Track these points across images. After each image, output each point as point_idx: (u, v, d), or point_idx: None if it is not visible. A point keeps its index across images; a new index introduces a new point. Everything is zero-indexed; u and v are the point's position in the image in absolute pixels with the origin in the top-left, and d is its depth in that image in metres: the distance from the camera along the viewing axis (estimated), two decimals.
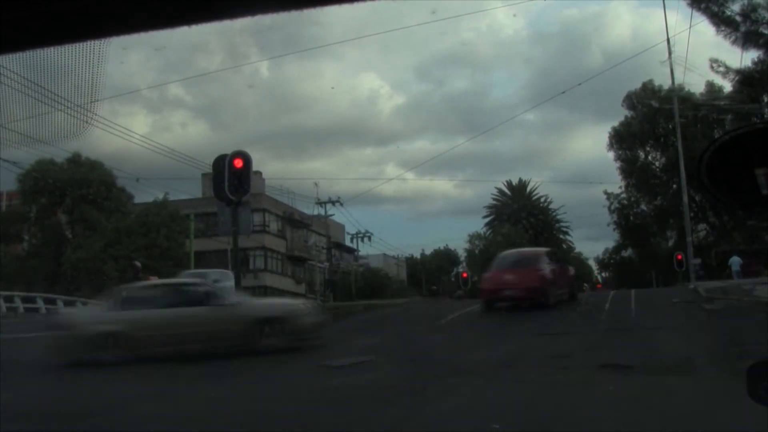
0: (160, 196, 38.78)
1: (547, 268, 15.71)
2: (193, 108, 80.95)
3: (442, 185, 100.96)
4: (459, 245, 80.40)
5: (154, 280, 18.03)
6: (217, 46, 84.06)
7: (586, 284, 49.11)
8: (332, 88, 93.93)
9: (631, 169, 40.20)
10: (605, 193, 42.60)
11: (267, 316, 10.97)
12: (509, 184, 67.49)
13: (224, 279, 16.04)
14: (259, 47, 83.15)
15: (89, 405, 7.28)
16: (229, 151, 13.17)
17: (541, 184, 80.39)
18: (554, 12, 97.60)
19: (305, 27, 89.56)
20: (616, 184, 43.68)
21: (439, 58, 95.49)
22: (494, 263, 17.11)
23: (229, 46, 77.94)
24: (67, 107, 1.88)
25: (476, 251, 57.92)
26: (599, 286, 30.54)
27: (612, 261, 48.72)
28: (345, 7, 1.09)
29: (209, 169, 14.49)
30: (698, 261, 29.68)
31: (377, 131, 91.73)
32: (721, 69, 27.13)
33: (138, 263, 19.67)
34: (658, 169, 40.30)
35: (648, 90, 38.60)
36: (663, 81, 36.32)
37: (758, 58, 25.79)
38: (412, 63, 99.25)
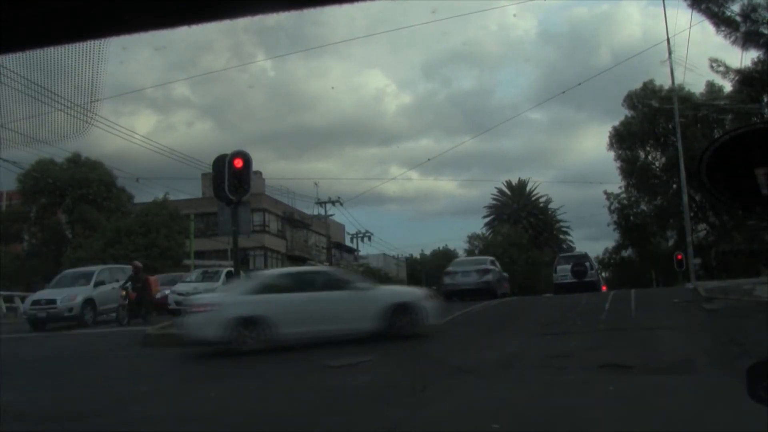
0: (160, 196, 38.79)
1: None
2: (198, 107, 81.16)
3: (446, 185, 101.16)
4: (459, 245, 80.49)
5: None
6: (223, 46, 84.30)
7: None
8: (332, 88, 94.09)
9: (631, 169, 40.17)
10: (605, 193, 42.59)
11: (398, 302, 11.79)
12: (509, 184, 67.55)
13: None
14: (265, 47, 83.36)
15: (89, 405, 7.28)
16: (232, 150, 13.18)
17: (541, 183, 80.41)
18: (563, 11, 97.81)
19: (311, 27, 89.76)
20: (616, 183, 43.66)
21: (445, 58, 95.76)
22: None
23: (235, 46, 78.13)
24: (67, 107, 1.88)
25: (476, 251, 57.94)
26: (604, 287, 30.42)
27: (612, 261, 48.70)
28: (353, 7, 1.10)
29: (209, 169, 14.48)
30: (698, 261, 29.67)
31: (382, 130, 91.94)
32: (721, 69, 27.16)
33: (139, 263, 19.67)
34: (658, 169, 40.25)
35: (648, 90, 38.57)
36: (664, 81, 36.33)
37: (758, 58, 25.82)
38: (419, 62, 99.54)
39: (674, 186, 36.12)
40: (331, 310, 11.20)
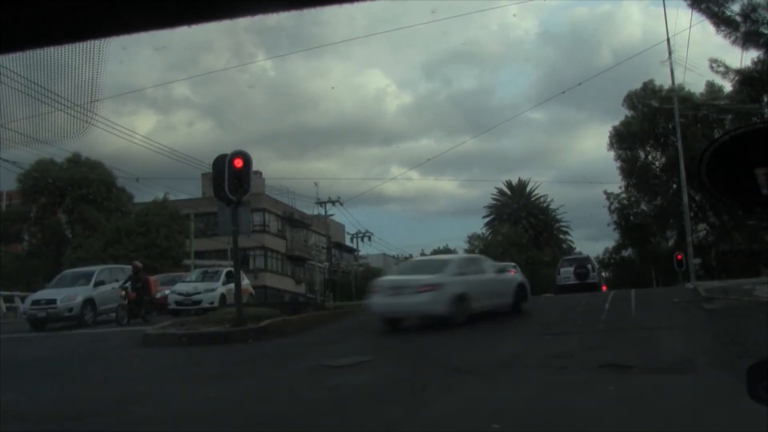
0: (160, 196, 38.79)
1: None
2: (198, 107, 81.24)
3: (447, 185, 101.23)
4: (459, 245, 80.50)
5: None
6: (223, 46, 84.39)
7: None
8: (332, 88, 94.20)
9: (631, 168, 40.17)
10: (605, 192, 42.61)
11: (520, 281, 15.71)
12: (509, 184, 67.55)
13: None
14: (265, 47, 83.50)
15: (89, 405, 7.28)
16: (232, 150, 13.16)
17: (541, 184, 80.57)
18: (564, 11, 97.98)
19: (311, 27, 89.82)
20: (616, 183, 43.70)
21: (445, 58, 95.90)
22: None
23: (235, 46, 78.22)
24: (67, 107, 1.88)
25: (476, 252, 57.97)
26: (604, 287, 30.63)
27: (612, 261, 48.71)
28: (353, 7, 1.10)
29: (209, 169, 14.47)
30: (698, 261, 29.71)
31: (382, 130, 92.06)
32: (721, 69, 27.17)
33: (138, 263, 19.66)
34: (658, 169, 40.25)
35: (648, 90, 38.56)
36: (664, 81, 36.33)
37: (758, 58, 25.82)
38: (419, 62, 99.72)
39: (674, 186, 36.13)
40: (496, 288, 14.25)
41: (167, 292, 21.44)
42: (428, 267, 15.02)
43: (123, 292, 17.78)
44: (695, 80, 51.19)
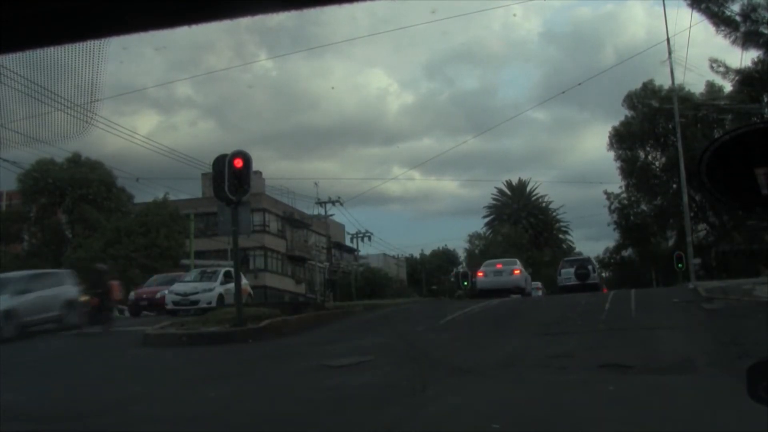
0: (160, 196, 38.77)
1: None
2: (199, 107, 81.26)
3: (447, 185, 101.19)
4: (459, 245, 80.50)
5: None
6: (225, 45, 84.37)
7: None
8: (332, 88, 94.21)
9: (631, 168, 40.14)
10: (605, 192, 42.61)
11: None
12: (509, 184, 67.57)
13: None
14: (267, 47, 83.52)
15: (89, 405, 7.28)
16: (233, 150, 13.14)
17: (541, 184, 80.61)
18: (567, 11, 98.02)
19: (313, 27, 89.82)
20: (616, 183, 43.71)
21: (447, 57, 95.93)
22: None
23: (237, 46, 78.21)
24: (67, 107, 1.88)
25: (476, 251, 57.95)
26: (605, 290, 30.69)
27: (612, 261, 48.68)
28: (353, 7, 1.10)
29: (210, 169, 14.46)
30: (698, 261, 29.73)
31: (384, 130, 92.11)
32: (721, 69, 27.18)
33: (103, 266, 18.86)
34: (658, 169, 40.22)
35: (648, 90, 38.52)
36: (664, 81, 36.30)
37: (758, 58, 25.84)
38: (421, 61, 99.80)
39: (674, 186, 36.12)
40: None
41: (165, 292, 21.40)
42: (508, 262, 27.08)
43: (85, 298, 17.09)
44: (695, 80, 51.20)
